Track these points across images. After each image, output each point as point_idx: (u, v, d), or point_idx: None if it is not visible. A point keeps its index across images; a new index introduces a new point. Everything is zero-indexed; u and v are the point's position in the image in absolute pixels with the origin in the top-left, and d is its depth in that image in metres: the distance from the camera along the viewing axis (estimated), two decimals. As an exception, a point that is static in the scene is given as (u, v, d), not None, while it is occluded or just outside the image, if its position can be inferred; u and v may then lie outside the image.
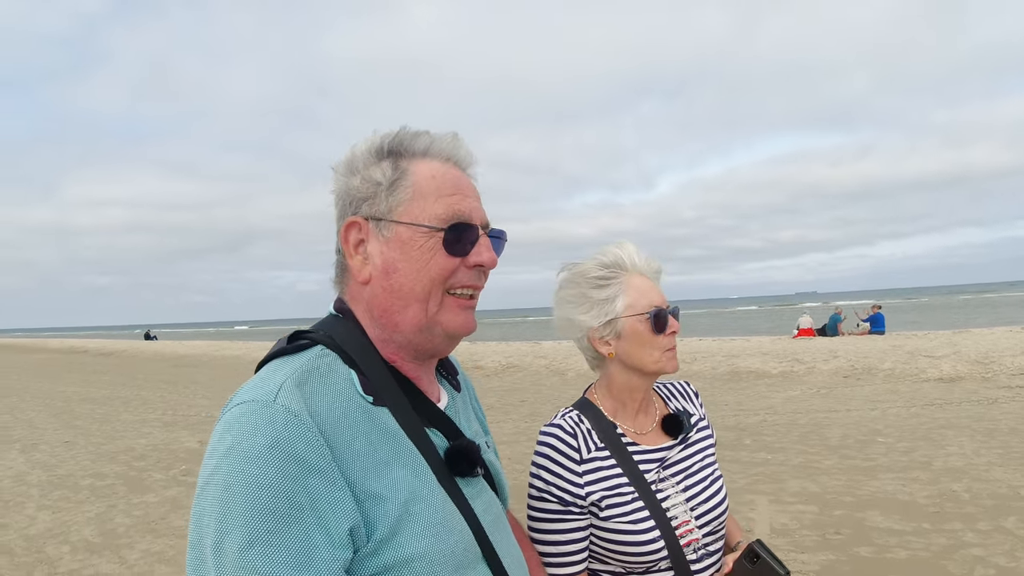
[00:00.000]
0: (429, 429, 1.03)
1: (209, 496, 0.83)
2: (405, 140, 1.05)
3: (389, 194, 1.02)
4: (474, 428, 1.22)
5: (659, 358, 1.49)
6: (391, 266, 1.01)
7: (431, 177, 1.03)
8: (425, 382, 1.09)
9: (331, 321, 1.06)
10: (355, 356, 1.00)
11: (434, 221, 1.01)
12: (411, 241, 1.01)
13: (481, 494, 1.08)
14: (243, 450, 0.83)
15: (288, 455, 0.83)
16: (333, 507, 0.85)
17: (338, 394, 0.94)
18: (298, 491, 0.82)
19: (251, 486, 0.81)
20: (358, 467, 0.90)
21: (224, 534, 0.80)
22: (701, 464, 1.54)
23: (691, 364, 15.23)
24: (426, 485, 0.96)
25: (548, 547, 1.43)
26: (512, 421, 10.22)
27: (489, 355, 19.33)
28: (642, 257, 1.54)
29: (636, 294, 1.49)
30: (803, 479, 6.24)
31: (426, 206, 1.02)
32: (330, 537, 0.84)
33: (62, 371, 24.96)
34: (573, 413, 1.54)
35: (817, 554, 4.46)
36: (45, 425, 11.86)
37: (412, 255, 1.01)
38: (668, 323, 1.48)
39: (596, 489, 1.43)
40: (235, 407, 0.89)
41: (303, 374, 0.93)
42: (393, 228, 1.02)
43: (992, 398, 9.78)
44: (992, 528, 4.73)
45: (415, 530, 0.91)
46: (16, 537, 5.70)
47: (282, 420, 0.85)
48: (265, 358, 1.01)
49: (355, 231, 1.04)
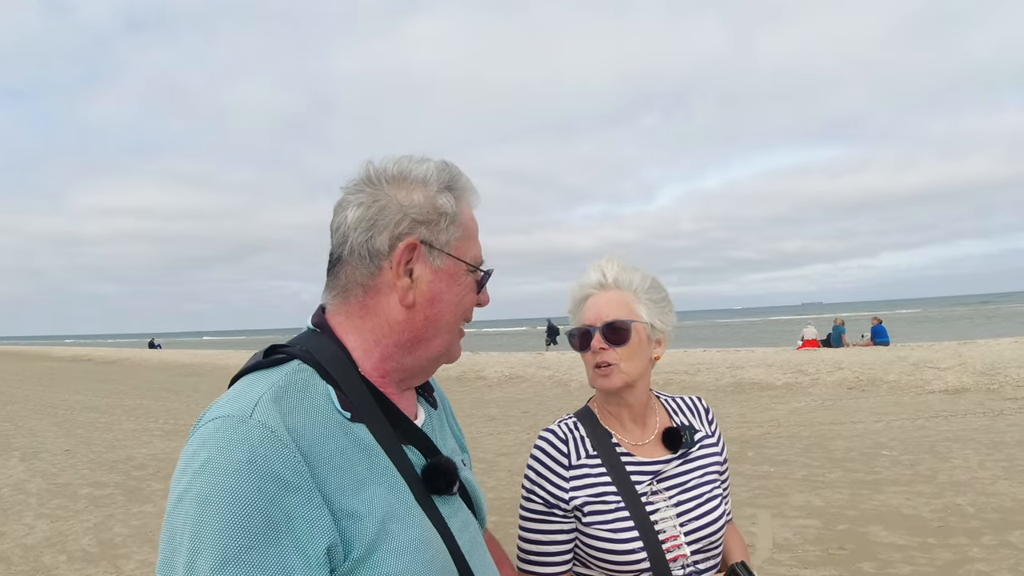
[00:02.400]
0: (406, 446, 1.01)
1: (182, 513, 0.80)
2: (457, 178, 1.09)
3: (450, 225, 1.05)
4: (451, 445, 1.20)
5: (592, 375, 1.51)
6: (437, 296, 1.04)
7: (472, 219, 1.10)
8: (402, 399, 1.08)
9: (308, 336, 1.03)
10: (332, 372, 0.98)
11: (475, 261, 1.09)
12: (455, 276, 1.06)
13: (458, 512, 1.06)
14: (218, 466, 0.80)
15: (265, 473, 0.81)
16: (310, 525, 0.83)
17: (315, 410, 0.92)
18: (274, 510, 0.80)
19: (226, 504, 0.78)
20: (335, 484, 0.87)
21: (197, 553, 0.77)
22: (699, 481, 1.52)
23: (694, 376, 15.16)
24: (403, 503, 0.94)
25: (532, 546, 1.47)
26: (514, 432, 10.18)
27: (492, 366, 19.29)
28: (604, 270, 1.53)
29: (582, 313, 1.53)
30: (806, 493, 6.18)
31: (470, 246, 1.08)
32: (307, 558, 0.81)
33: (65, 379, 25.00)
34: (570, 420, 1.56)
35: (820, 569, 4.40)
36: (46, 433, 11.87)
37: (454, 289, 1.06)
38: (590, 342, 1.48)
39: (581, 495, 1.45)
40: (209, 422, 0.86)
41: (280, 389, 0.90)
42: (446, 260, 1.04)
43: (998, 410, 9.70)
44: (997, 543, 4.67)
45: (392, 549, 0.89)
46: (13, 546, 5.68)
47: (259, 436, 0.83)
48: (240, 372, 0.98)
49: (410, 252, 1.01)
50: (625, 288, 1.51)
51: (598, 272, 1.53)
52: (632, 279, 1.52)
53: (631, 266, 1.54)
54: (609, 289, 1.51)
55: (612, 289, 1.51)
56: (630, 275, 1.52)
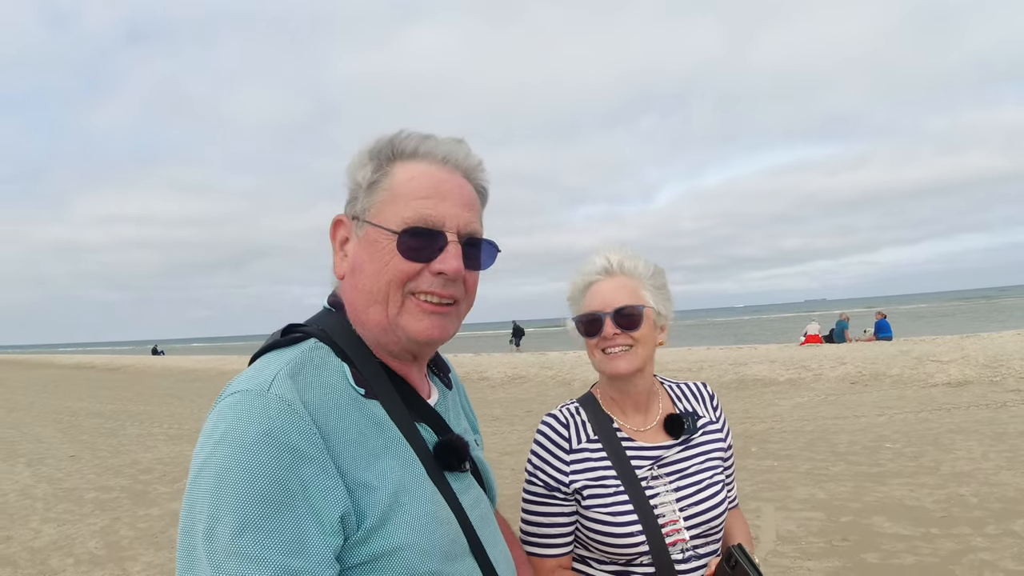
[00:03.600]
0: (419, 423, 1.05)
1: (202, 483, 0.84)
2: (396, 141, 1.06)
3: (367, 195, 1.05)
4: (463, 425, 1.23)
5: (599, 359, 1.52)
6: (358, 266, 1.04)
7: (409, 179, 1.03)
8: (416, 378, 1.12)
9: (324, 315, 1.09)
10: (347, 349, 1.02)
11: (397, 224, 1.01)
12: (376, 243, 1.02)
13: (469, 489, 1.09)
14: (237, 438, 0.84)
15: (281, 444, 0.84)
16: (325, 495, 0.86)
17: (331, 385, 0.96)
18: (291, 479, 0.84)
19: (244, 473, 0.82)
20: (349, 456, 0.91)
21: (216, 520, 0.81)
22: (700, 467, 1.53)
23: (698, 373, 15.16)
24: (415, 477, 0.97)
25: (533, 527, 1.50)
26: (518, 431, 10.19)
27: (495, 366, 19.30)
28: (608, 257, 1.54)
29: (587, 300, 1.53)
30: (810, 486, 6.19)
31: (397, 209, 1.02)
32: (322, 525, 0.85)
33: (69, 387, 25.04)
34: (572, 405, 1.59)
35: (824, 561, 4.42)
36: (51, 439, 11.90)
37: (375, 256, 1.02)
38: (600, 328, 1.48)
39: (580, 478, 1.47)
40: (229, 396, 0.90)
41: (296, 365, 0.94)
42: (365, 228, 1.04)
43: (1000, 402, 9.70)
44: (1000, 532, 4.68)
45: (404, 520, 0.92)
46: (20, 549, 5.70)
47: (276, 409, 0.86)
48: (259, 351, 1.02)
49: (340, 228, 1.08)
50: (631, 274, 1.53)
51: (603, 259, 1.54)
52: (637, 265, 1.54)
53: (635, 253, 1.56)
54: (615, 276, 1.53)
55: (618, 275, 1.53)
56: (634, 262, 1.54)
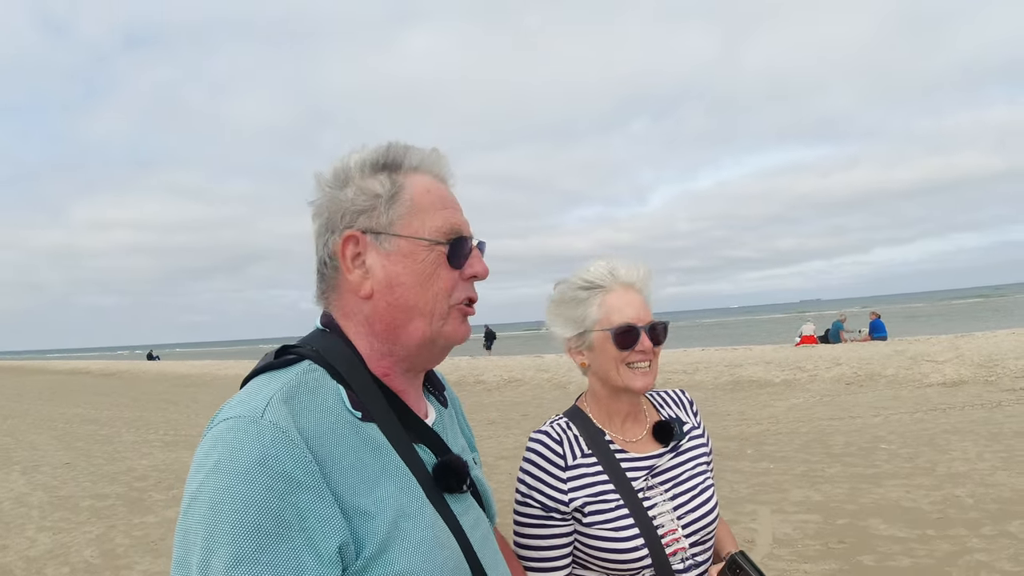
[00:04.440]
0: (417, 445, 1.02)
1: (196, 513, 0.81)
2: (399, 154, 1.05)
3: (389, 207, 1.01)
4: (461, 444, 1.20)
5: (625, 374, 1.48)
6: (395, 280, 1.01)
7: (426, 191, 1.04)
8: (412, 397, 1.08)
9: (318, 336, 1.04)
10: (343, 371, 0.99)
11: (435, 234, 1.02)
12: (413, 255, 1.01)
13: (469, 510, 1.07)
14: (230, 467, 0.81)
15: (276, 472, 0.82)
16: (322, 524, 0.83)
17: (326, 409, 0.92)
18: (286, 508, 0.81)
19: (239, 503, 0.79)
20: (347, 483, 0.88)
21: (211, 552, 0.78)
22: (691, 473, 1.53)
23: (692, 375, 15.18)
24: (415, 501, 0.94)
25: (531, 551, 1.45)
26: (514, 435, 10.19)
27: (491, 369, 19.28)
28: (629, 270, 1.52)
29: (609, 309, 1.49)
30: (806, 488, 6.21)
31: (425, 220, 1.02)
32: (319, 556, 0.82)
33: (64, 393, 24.93)
34: (562, 420, 1.56)
35: (820, 563, 4.43)
36: (46, 447, 11.84)
37: (415, 269, 1.00)
38: (637, 340, 1.46)
39: (580, 495, 1.44)
40: (221, 423, 0.87)
41: (291, 389, 0.91)
42: (395, 242, 1.01)
43: (996, 401, 9.74)
44: (996, 533, 4.70)
45: (404, 547, 0.89)
46: (16, 559, 5.67)
47: (270, 436, 0.83)
48: (251, 373, 0.99)
49: (352, 245, 1.02)
50: (643, 290, 1.54)
51: (632, 271, 1.52)
52: (648, 283, 1.55)
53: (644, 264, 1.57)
54: (639, 290, 1.53)
55: (640, 290, 1.53)
56: (648, 278, 1.55)
